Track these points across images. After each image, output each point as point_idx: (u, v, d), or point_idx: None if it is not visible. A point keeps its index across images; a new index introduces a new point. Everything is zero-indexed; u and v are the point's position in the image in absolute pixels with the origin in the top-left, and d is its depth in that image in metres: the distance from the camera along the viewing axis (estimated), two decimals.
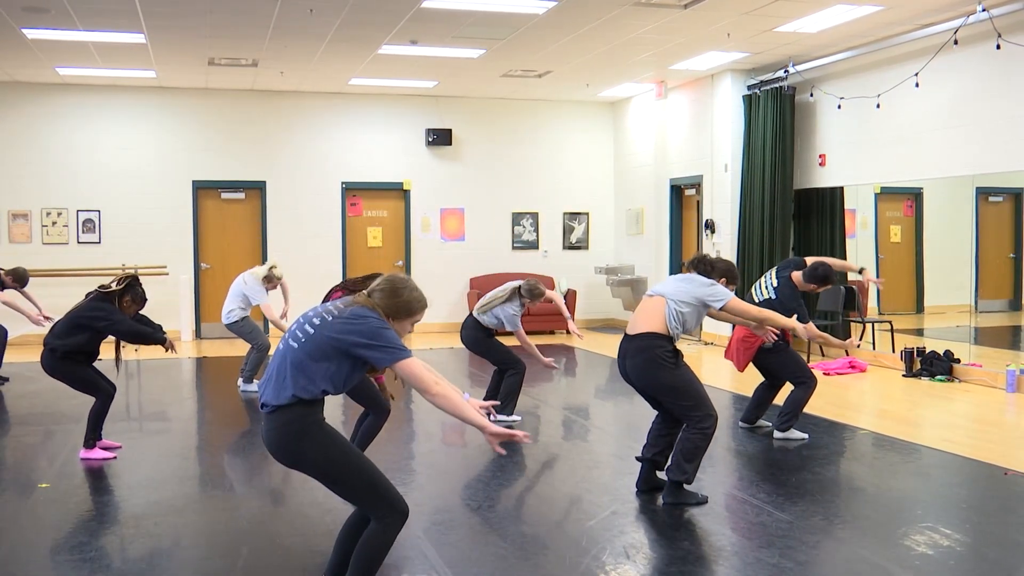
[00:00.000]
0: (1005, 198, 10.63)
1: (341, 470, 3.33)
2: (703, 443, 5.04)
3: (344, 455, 3.33)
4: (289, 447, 3.32)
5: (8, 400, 8.50)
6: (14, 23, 9.26)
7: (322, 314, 3.35)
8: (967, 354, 9.59)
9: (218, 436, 7.34)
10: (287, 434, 3.31)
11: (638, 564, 4.24)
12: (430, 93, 13.76)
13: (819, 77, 10.95)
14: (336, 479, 3.35)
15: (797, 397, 6.57)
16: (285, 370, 3.31)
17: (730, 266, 5.45)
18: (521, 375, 7.29)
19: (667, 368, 5.02)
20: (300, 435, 3.29)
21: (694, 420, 5.03)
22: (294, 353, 3.31)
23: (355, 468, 3.34)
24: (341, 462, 3.32)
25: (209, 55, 10.91)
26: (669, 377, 5.03)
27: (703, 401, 5.05)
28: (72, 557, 4.36)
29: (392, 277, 3.43)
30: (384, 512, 3.35)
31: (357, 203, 14.04)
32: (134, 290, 6.15)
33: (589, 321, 14.74)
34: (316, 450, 3.30)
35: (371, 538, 3.36)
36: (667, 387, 5.05)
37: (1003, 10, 8.33)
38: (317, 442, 3.29)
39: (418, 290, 3.46)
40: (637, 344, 5.08)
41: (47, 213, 12.81)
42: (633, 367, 5.10)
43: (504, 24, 9.47)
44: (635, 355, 5.07)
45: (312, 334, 3.31)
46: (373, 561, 3.37)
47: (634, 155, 14.19)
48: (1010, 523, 4.85)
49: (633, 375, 5.12)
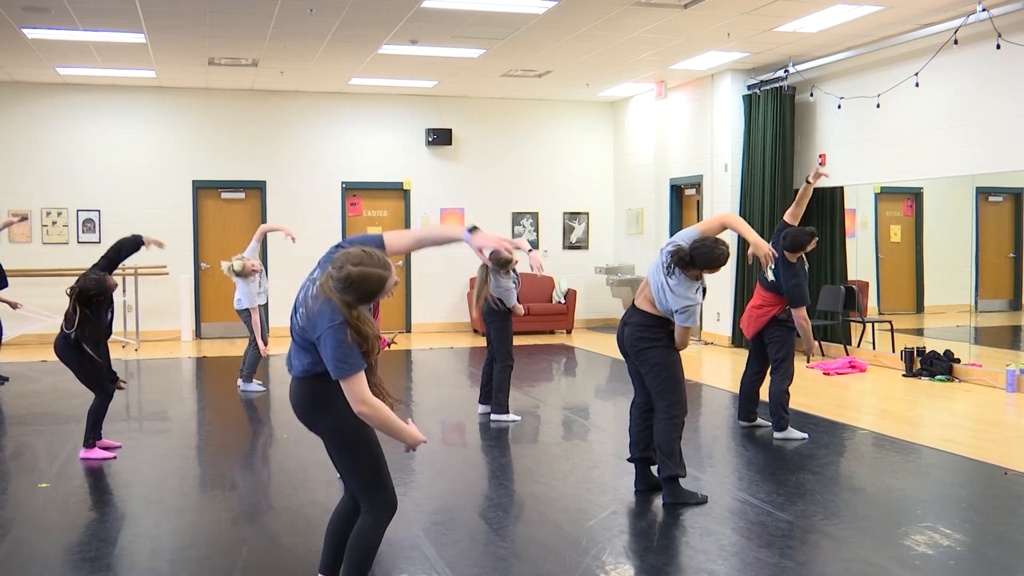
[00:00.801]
0: (1005, 198, 10.64)
1: (354, 443, 3.35)
2: (675, 432, 5.11)
3: (360, 429, 3.34)
4: (310, 411, 3.37)
5: (8, 400, 8.50)
6: (14, 23, 9.26)
7: (300, 307, 3.33)
8: (967, 354, 9.59)
9: (218, 436, 7.34)
10: (311, 401, 3.35)
11: (638, 564, 4.24)
12: (430, 93, 13.77)
13: (819, 77, 10.95)
14: (346, 449, 3.37)
15: (777, 391, 6.62)
16: (294, 347, 3.38)
17: (713, 253, 5.00)
18: (508, 370, 7.33)
19: (659, 347, 5.12)
20: (322, 403, 3.33)
21: (664, 403, 5.10)
22: (294, 336, 3.37)
23: (367, 447, 3.36)
24: (355, 436, 3.35)
25: (209, 55, 10.91)
26: (659, 355, 5.12)
27: (678, 388, 5.13)
28: (72, 557, 4.36)
29: (336, 275, 3.17)
30: (378, 501, 3.36)
31: (357, 203, 14.04)
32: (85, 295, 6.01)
33: (589, 321, 14.75)
34: (336, 418, 3.32)
35: (363, 532, 3.38)
36: (653, 363, 5.13)
37: (1003, 10, 8.33)
38: (338, 410, 3.30)
39: (364, 282, 3.17)
40: (640, 318, 5.19)
41: (47, 213, 12.81)
42: (631, 336, 5.21)
43: (504, 24, 9.47)
44: (634, 326, 5.20)
45: (296, 326, 3.35)
46: (367, 556, 3.38)
47: (634, 155, 14.19)
48: (1010, 523, 4.85)
49: (628, 343, 5.23)
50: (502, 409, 7.34)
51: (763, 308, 6.73)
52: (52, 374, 9.91)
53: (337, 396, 3.25)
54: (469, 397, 8.25)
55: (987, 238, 10.37)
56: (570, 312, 13.97)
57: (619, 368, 10.52)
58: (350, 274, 3.16)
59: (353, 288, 3.17)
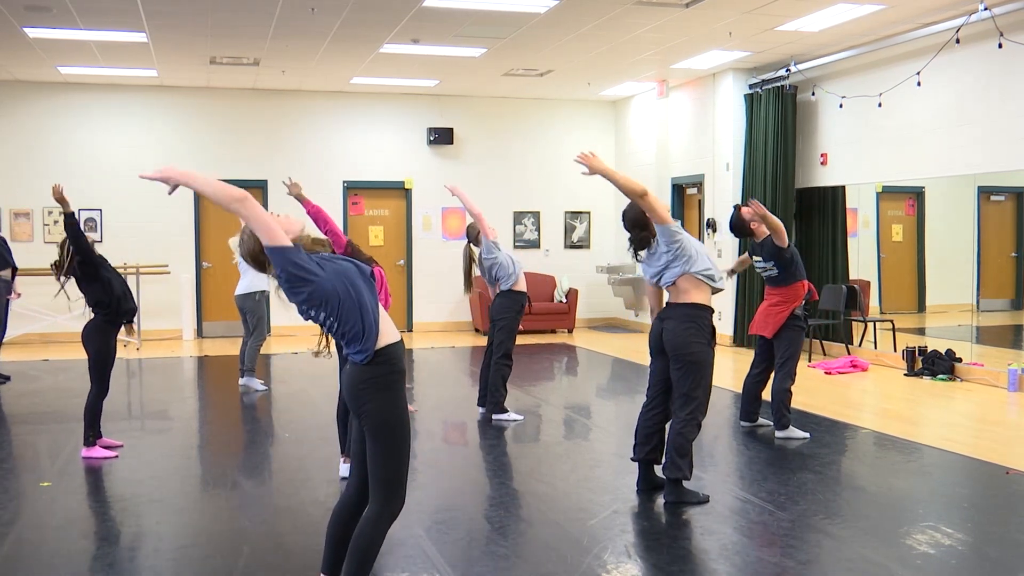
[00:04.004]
0: (1007, 197, 10.63)
1: (392, 434, 3.38)
2: (692, 435, 5.09)
3: (402, 424, 3.41)
4: (358, 393, 3.41)
5: (9, 399, 8.51)
6: (16, 22, 9.27)
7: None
8: (969, 353, 9.59)
9: (219, 435, 7.34)
10: (360, 382, 3.40)
11: (639, 563, 4.24)
12: (432, 92, 13.77)
13: (821, 76, 10.95)
14: (382, 439, 3.39)
15: (779, 389, 6.62)
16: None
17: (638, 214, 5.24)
18: (505, 369, 7.32)
19: (701, 343, 5.07)
20: (371, 387, 3.38)
21: (691, 405, 5.07)
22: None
23: (403, 442, 3.40)
24: (396, 428, 3.39)
25: (211, 54, 10.92)
26: (700, 350, 5.06)
27: (707, 391, 5.12)
28: (74, 555, 4.36)
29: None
30: (393, 497, 3.39)
31: (359, 202, 14.04)
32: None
33: (590, 320, 14.74)
34: (382, 405, 3.38)
35: (365, 528, 3.39)
36: (692, 360, 5.06)
37: (1005, 9, 8.32)
38: (385, 397, 3.38)
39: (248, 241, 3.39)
40: (683, 311, 5.11)
41: (48, 212, 12.81)
42: (672, 330, 5.09)
43: (505, 23, 9.47)
44: (680, 320, 5.09)
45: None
46: (369, 552, 3.39)
47: (636, 154, 14.18)
48: (1011, 522, 4.85)
49: (670, 339, 5.10)
50: (498, 408, 7.32)
51: (779, 305, 6.67)
52: (54, 373, 9.93)
53: (387, 384, 3.35)
54: (470, 396, 8.25)
55: (989, 237, 10.36)
56: (571, 311, 13.97)
57: (621, 367, 10.52)
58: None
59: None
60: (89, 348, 6.19)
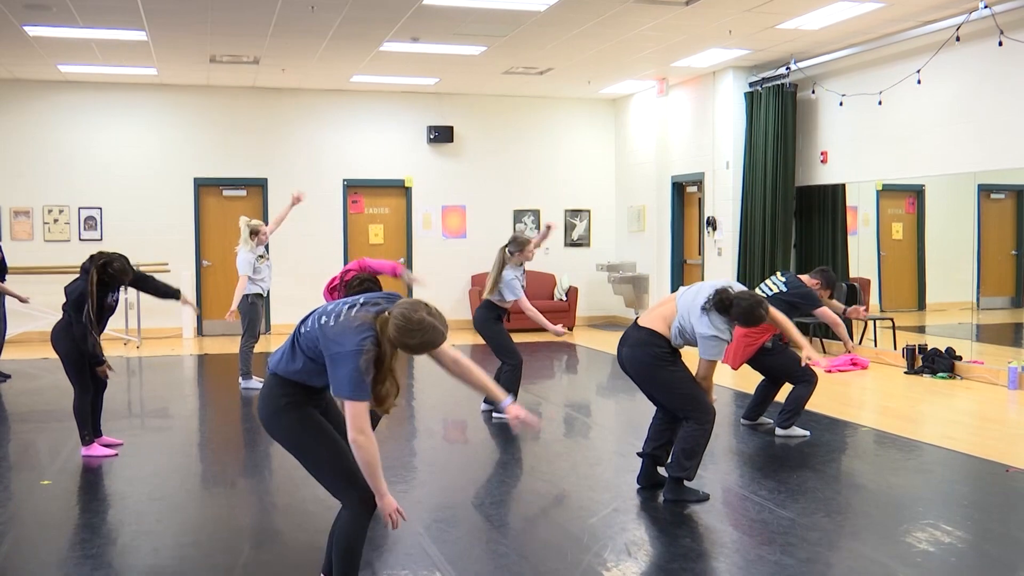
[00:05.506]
0: (1007, 195, 10.63)
1: (311, 440, 3.41)
2: (703, 440, 5.05)
3: (314, 426, 3.41)
4: (268, 412, 3.46)
5: (10, 397, 8.51)
6: (16, 20, 9.26)
7: (324, 316, 3.37)
8: (969, 351, 9.59)
9: (220, 433, 7.35)
10: (269, 399, 3.45)
11: (639, 561, 4.24)
12: (431, 90, 13.76)
13: (821, 74, 10.95)
14: (303, 448, 3.44)
15: (799, 394, 6.58)
16: (286, 346, 3.45)
17: (752, 313, 4.90)
18: (516, 369, 7.30)
19: (663, 367, 5.05)
20: (278, 403, 3.42)
21: (692, 418, 5.03)
22: (298, 339, 3.42)
23: (325, 442, 3.41)
24: (311, 433, 3.41)
25: (211, 52, 10.91)
26: (666, 376, 5.06)
27: (698, 399, 5.04)
28: (74, 554, 4.36)
29: (409, 315, 3.20)
30: (345, 500, 3.42)
31: (358, 200, 14.04)
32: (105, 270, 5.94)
33: (591, 318, 14.74)
34: (288, 418, 3.41)
35: (342, 527, 3.44)
36: (662, 385, 5.10)
37: (1005, 7, 8.32)
38: (290, 411, 3.40)
39: (432, 331, 3.23)
40: (638, 336, 5.12)
41: (49, 210, 12.82)
42: (630, 358, 5.15)
43: (505, 21, 9.46)
44: (634, 346, 5.12)
45: (306, 331, 3.40)
46: (349, 551, 3.42)
47: (635, 152, 14.18)
48: (1011, 520, 4.85)
49: (629, 367, 5.18)
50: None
51: (750, 336, 6.47)
52: (54, 372, 9.91)
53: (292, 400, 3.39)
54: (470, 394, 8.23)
55: (989, 235, 10.35)
56: (571, 309, 13.97)
57: None
58: (423, 320, 3.20)
59: (417, 333, 3.20)
60: (59, 349, 6.06)
